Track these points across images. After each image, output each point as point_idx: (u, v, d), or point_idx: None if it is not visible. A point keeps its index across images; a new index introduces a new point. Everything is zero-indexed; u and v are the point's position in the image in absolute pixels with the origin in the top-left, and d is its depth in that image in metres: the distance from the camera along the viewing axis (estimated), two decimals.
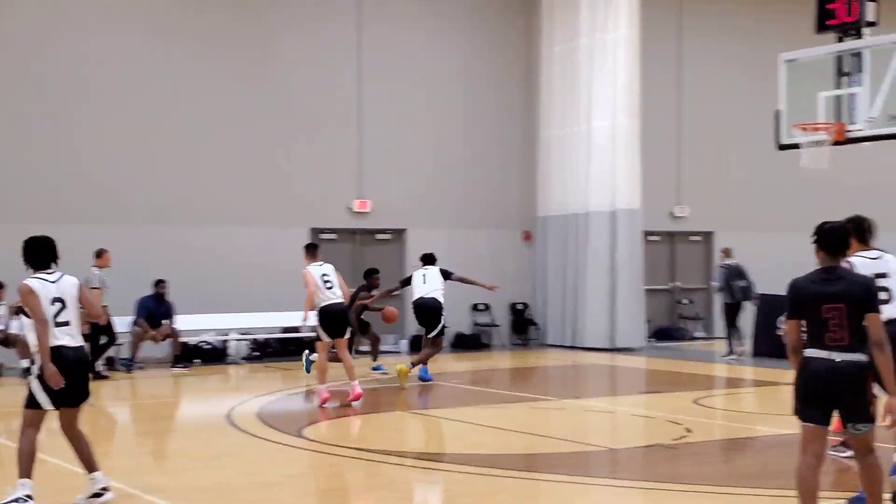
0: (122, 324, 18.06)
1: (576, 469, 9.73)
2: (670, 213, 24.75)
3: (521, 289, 23.31)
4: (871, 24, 13.60)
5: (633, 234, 22.09)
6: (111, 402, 15.07)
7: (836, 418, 8.40)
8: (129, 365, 17.94)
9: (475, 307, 22.89)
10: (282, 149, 21.29)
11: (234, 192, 20.83)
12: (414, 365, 15.84)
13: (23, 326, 16.91)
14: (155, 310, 18.28)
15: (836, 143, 13.77)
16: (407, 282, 16.76)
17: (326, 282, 13.43)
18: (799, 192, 24.40)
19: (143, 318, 18.19)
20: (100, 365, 17.03)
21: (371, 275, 17.38)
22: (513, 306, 23.43)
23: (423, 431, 12.60)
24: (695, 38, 24.71)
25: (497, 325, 23.09)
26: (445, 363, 18.92)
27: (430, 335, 16.10)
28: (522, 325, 23.50)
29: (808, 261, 7.08)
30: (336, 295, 13.44)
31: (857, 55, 13.63)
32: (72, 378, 7.81)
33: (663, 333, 23.98)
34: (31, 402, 7.91)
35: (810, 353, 6.65)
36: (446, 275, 16.32)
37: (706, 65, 24.78)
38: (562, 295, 22.83)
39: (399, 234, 22.62)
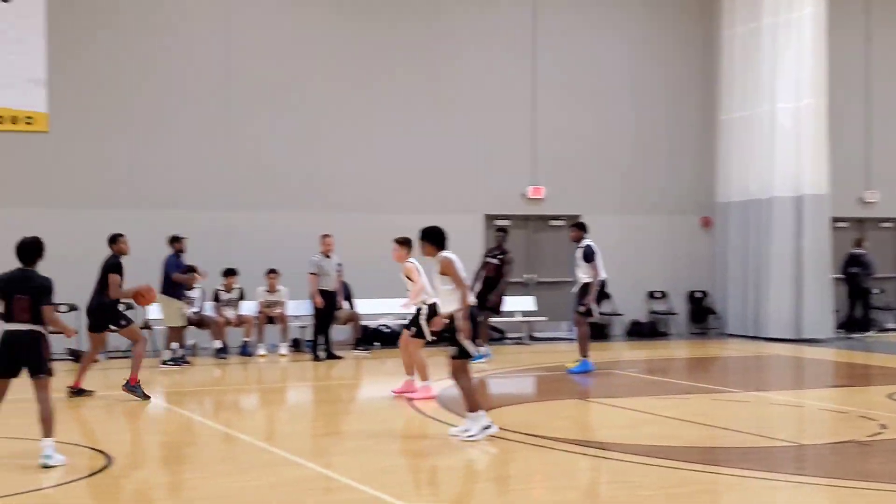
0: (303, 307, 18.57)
1: (761, 464, 9.32)
2: (859, 198, 23.73)
3: (699, 276, 22.74)
4: None
5: (819, 220, 21.25)
6: (297, 384, 15.38)
7: None
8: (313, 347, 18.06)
9: (651, 294, 22.46)
10: (457, 135, 21.29)
11: (408, 180, 20.93)
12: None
13: (213, 308, 17.25)
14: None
15: None
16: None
17: None
18: None
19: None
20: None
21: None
22: (691, 294, 22.88)
23: (599, 420, 12.37)
24: (885, 14, 23.56)
25: (675, 314, 22.59)
26: (620, 351, 18.59)
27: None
28: (701, 314, 22.92)
29: None
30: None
31: None
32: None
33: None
34: None
35: None
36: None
37: None
38: (743, 283, 22.15)
39: (573, 220, 22.31)
